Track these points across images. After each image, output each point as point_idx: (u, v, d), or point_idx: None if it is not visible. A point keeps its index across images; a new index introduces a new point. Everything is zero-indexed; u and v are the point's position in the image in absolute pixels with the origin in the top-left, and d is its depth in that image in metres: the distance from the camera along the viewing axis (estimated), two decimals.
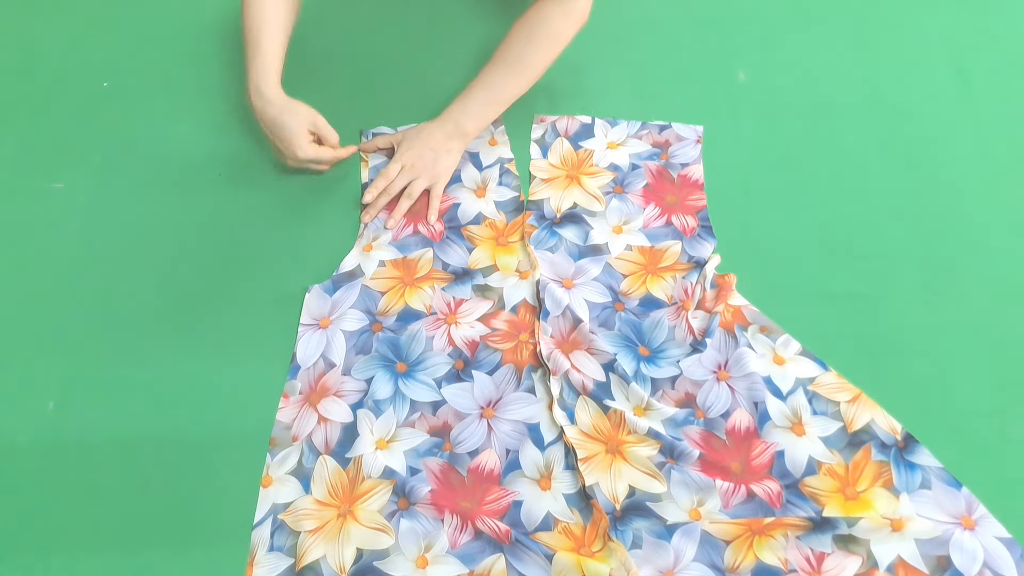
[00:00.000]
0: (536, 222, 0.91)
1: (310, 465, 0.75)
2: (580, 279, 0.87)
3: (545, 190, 0.94)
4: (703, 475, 0.74)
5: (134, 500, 0.74)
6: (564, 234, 0.90)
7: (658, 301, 0.85)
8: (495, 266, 0.88)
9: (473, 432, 0.77)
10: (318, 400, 0.79)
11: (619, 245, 0.89)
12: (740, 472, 0.75)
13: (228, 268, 0.88)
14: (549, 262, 0.88)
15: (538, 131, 0.99)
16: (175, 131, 0.98)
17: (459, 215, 0.92)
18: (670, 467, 0.75)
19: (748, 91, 1.01)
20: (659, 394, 0.79)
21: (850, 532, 0.70)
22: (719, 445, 0.76)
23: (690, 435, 0.77)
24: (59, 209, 0.92)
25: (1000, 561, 0.69)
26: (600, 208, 0.92)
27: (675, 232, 0.90)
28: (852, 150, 0.97)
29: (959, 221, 0.91)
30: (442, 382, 0.80)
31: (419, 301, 0.85)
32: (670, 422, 0.77)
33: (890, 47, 1.06)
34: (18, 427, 0.78)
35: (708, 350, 0.81)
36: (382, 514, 0.73)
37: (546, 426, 0.77)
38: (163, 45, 1.07)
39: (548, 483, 0.75)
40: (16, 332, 0.84)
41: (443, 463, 0.75)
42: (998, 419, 0.79)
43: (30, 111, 1.00)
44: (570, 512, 0.73)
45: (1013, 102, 1.01)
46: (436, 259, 0.88)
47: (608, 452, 0.76)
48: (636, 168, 0.95)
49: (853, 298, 0.86)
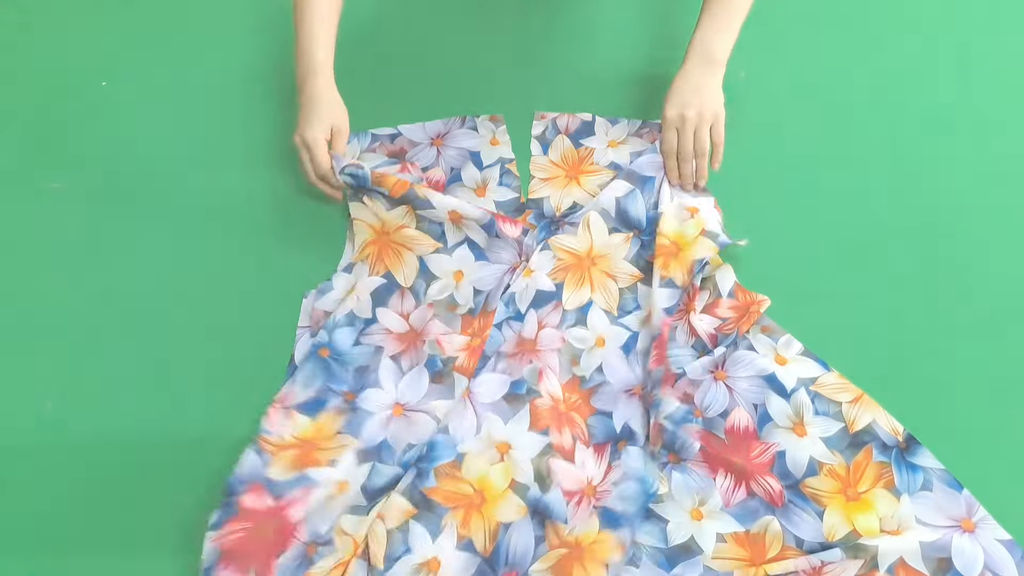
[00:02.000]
0: (536, 220, 0.91)
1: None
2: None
3: (544, 189, 0.94)
4: (705, 469, 0.74)
5: (131, 501, 0.74)
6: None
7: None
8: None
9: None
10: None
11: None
12: (742, 467, 0.74)
13: (227, 268, 0.88)
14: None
15: (538, 128, 0.99)
16: (175, 131, 0.98)
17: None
18: (671, 467, 0.75)
19: (748, 91, 1.01)
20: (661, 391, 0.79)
21: (857, 543, 0.69)
22: (718, 444, 0.76)
23: (690, 431, 0.77)
24: (59, 209, 0.92)
25: (1001, 563, 0.69)
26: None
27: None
28: (853, 149, 0.96)
29: (960, 221, 0.91)
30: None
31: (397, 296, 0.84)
32: (668, 420, 0.77)
33: (891, 46, 1.06)
34: (16, 427, 0.78)
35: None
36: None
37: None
38: (163, 45, 1.07)
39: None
40: (15, 332, 0.84)
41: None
42: (998, 419, 0.78)
43: (30, 111, 1.00)
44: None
45: (1015, 101, 1.01)
46: (422, 220, 0.86)
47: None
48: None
49: (854, 298, 0.85)
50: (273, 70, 1.04)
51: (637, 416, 0.78)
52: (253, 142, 0.97)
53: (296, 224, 0.91)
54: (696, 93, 0.86)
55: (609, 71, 1.03)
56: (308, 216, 0.92)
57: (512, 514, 0.73)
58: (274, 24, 1.08)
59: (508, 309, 0.84)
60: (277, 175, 0.95)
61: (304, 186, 0.93)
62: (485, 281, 0.85)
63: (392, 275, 0.86)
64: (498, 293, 0.85)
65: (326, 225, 0.91)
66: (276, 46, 1.06)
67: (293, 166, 0.95)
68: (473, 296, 0.85)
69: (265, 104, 1.00)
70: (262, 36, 1.07)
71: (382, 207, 0.87)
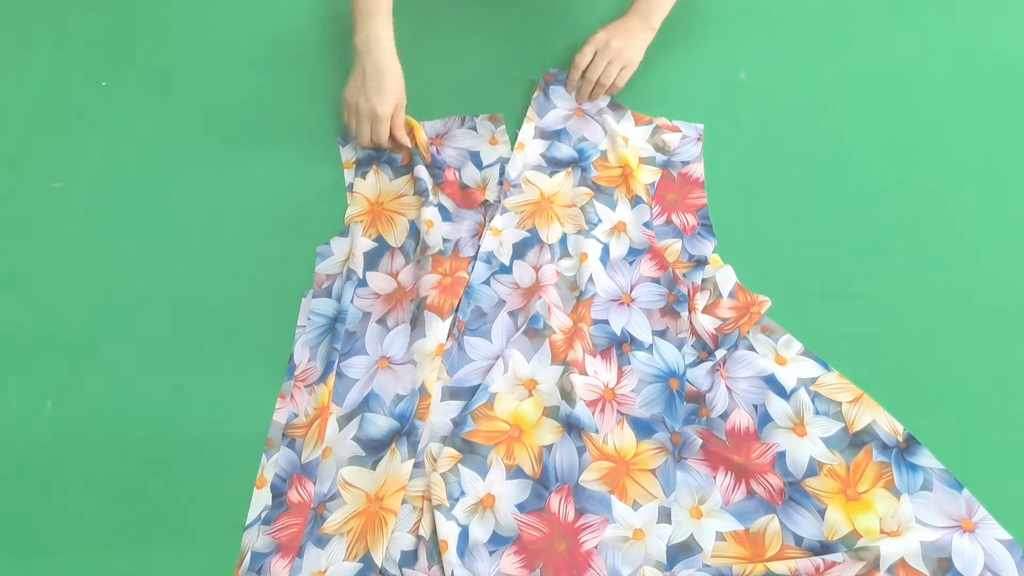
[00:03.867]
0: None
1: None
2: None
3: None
4: (706, 467, 0.75)
5: (131, 500, 0.74)
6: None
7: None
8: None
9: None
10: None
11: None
12: (743, 464, 0.74)
13: (227, 268, 0.88)
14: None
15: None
16: (174, 131, 0.98)
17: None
18: (674, 465, 0.75)
19: (748, 90, 1.01)
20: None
21: (858, 545, 0.69)
22: (719, 444, 0.76)
23: (693, 429, 0.77)
24: (59, 209, 0.92)
25: (1001, 563, 0.69)
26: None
27: (675, 231, 0.90)
28: (852, 149, 0.97)
29: (960, 221, 0.91)
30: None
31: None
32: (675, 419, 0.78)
33: (891, 46, 1.06)
34: (16, 427, 0.78)
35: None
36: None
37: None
38: (163, 45, 1.07)
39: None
40: (14, 332, 0.84)
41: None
42: (998, 419, 0.78)
43: (30, 111, 1.00)
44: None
45: (1014, 101, 1.01)
46: (417, 180, 0.92)
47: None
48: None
49: (854, 298, 0.85)
50: (273, 70, 1.04)
51: (632, 322, 0.84)
52: (253, 142, 0.97)
53: (296, 224, 0.91)
54: (628, 37, 0.96)
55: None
56: (308, 216, 0.92)
57: (550, 436, 0.77)
58: (274, 24, 1.08)
59: (491, 265, 0.86)
60: (277, 175, 0.95)
61: (304, 186, 0.94)
62: (453, 233, 0.89)
63: (383, 238, 0.89)
64: (468, 241, 0.88)
65: (326, 225, 0.91)
66: (276, 45, 1.06)
67: (293, 166, 0.95)
68: (442, 242, 0.88)
69: (265, 104, 1.00)
70: (262, 36, 1.07)
71: (386, 178, 0.93)
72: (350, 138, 0.96)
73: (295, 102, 1.00)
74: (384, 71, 0.88)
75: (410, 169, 0.93)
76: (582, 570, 0.70)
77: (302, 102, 1.00)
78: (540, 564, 0.71)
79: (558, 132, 0.97)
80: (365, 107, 0.88)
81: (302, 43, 1.06)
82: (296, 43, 1.06)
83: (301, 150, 0.96)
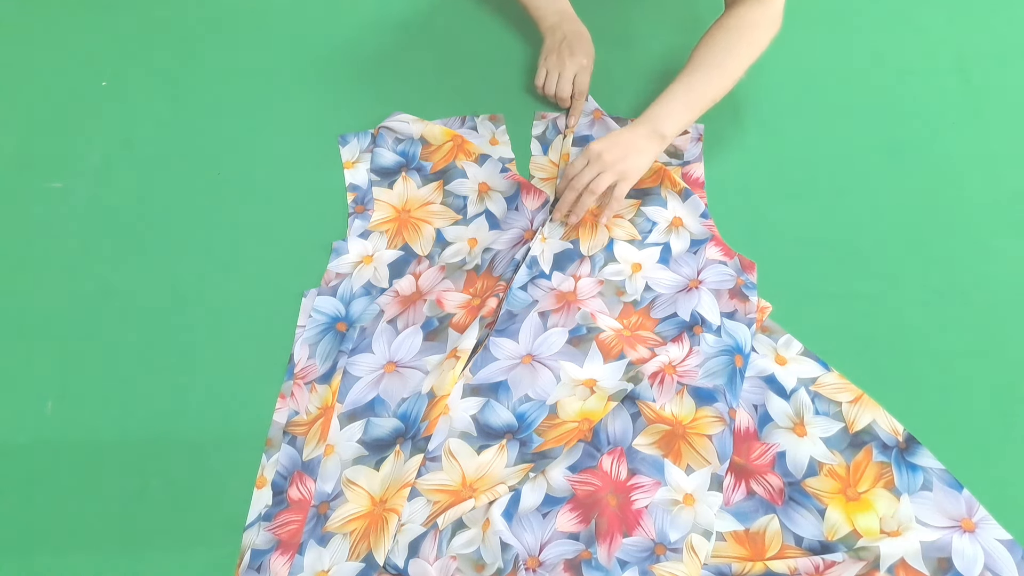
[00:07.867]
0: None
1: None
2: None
3: (544, 188, 0.93)
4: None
5: (131, 500, 0.74)
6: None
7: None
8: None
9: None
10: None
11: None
12: (743, 465, 0.74)
13: (227, 268, 0.88)
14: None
15: (538, 128, 0.99)
16: (174, 131, 0.98)
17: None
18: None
19: (748, 90, 1.01)
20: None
21: (858, 546, 0.69)
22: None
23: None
24: (59, 209, 0.92)
25: (1001, 563, 0.69)
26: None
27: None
28: (853, 149, 0.97)
29: (960, 221, 0.91)
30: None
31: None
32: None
33: (891, 46, 1.06)
34: (16, 427, 0.78)
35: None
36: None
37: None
38: (163, 45, 1.07)
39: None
40: (14, 332, 0.84)
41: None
42: (998, 419, 0.78)
43: (30, 111, 1.00)
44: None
45: (1015, 101, 1.01)
46: (448, 194, 0.93)
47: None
48: None
49: (854, 298, 0.85)
50: (274, 70, 1.04)
51: (701, 303, 0.82)
52: (253, 141, 0.97)
53: (296, 224, 0.91)
54: (626, 149, 0.84)
55: (609, 71, 1.02)
56: (308, 216, 0.92)
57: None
58: (274, 23, 1.08)
59: (532, 270, 0.86)
60: (277, 174, 0.95)
61: (303, 186, 0.94)
62: (497, 243, 0.88)
63: (409, 247, 0.89)
64: (506, 258, 0.86)
65: (326, 225, 0.91)
66: (275, 44, 1.06)
67: (293, 166, 0.95)
68: (481, 254, 0.87)
69: (265, 104, 1.00)
70: (262, 36, 1.07)
71: (414, 185, 0.93)
72: (350, 138, 0.96)
73: (295, 102, 1.01)
74: (582, 34, 0.98)
75: (439, 177, 0.93)
76: (632, 528, 0.71)
77: (302, 102, 1.01)
78: (595, 515, 0.71)
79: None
80: (568, 62, 0.97)
81: (302, 43, 1.06)
82: (296, 43, 1.06)
83: (301, 150, 0.96)
